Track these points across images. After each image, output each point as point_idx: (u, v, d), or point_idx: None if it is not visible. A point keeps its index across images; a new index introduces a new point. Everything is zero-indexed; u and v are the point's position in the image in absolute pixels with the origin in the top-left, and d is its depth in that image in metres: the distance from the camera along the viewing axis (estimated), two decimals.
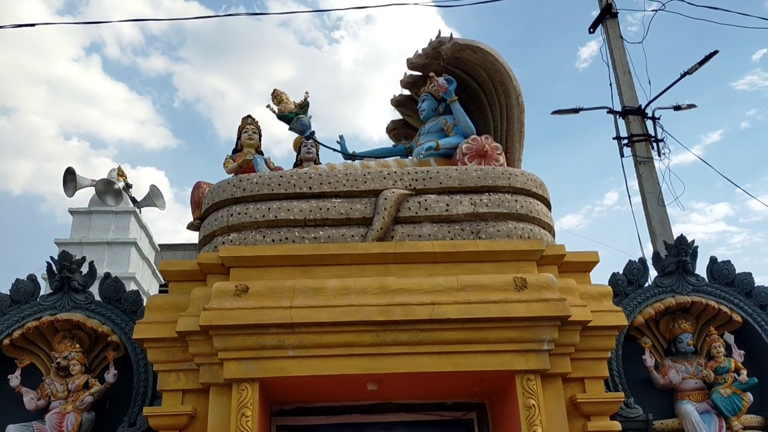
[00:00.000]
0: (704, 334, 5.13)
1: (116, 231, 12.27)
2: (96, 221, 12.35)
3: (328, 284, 4.16)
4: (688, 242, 5.20)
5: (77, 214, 12.42)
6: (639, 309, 5.06)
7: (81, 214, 12.42)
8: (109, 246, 12.11)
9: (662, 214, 7.38)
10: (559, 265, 4.54)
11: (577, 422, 4.22)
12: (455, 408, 4.70)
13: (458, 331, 4.05)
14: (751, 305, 5.07)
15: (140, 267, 12.70)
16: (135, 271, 12.19)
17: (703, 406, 4.81)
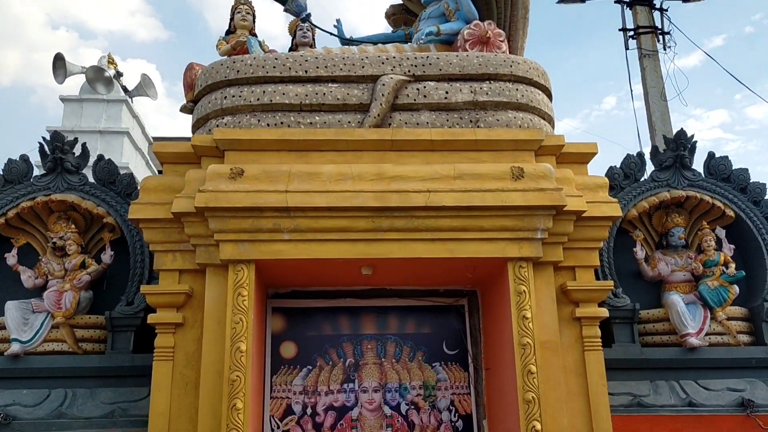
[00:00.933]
0: (696, 228, 5.18)
1: (108, 120, 12.09)
2: (87, 109, 12.13)
3: (324, 170, 4.13)
4: (687, 137, 5.16)
5: (68, 101, 12.18)
6: (633, 202, 5.08)
7: (72, 101, 12.17)
8: (101, 135, 11.96)
9: (663, 109, 7.28)
10: (557, 156, 4.51)
11: (566, 309, 4.31)
12: (447, 295, 4.79)
13: (453, 218, 4.06)
14: (745, 201, 5.09)
15: (134, 157, 12.61)
16: (128, 162, 12.11)
17: (690, 298, 4.93)
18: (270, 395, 4.49)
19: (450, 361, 4.68)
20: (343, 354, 4.65)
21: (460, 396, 4.62)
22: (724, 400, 4.46)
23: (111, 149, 11.91)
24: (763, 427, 4.32)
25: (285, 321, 4.66)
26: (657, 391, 4.55)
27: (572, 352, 4.25)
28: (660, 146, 5.34)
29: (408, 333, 4.72)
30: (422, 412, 4.56)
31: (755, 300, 4.96)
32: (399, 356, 4.67)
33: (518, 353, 3.93)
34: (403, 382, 4.62)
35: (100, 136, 11.97)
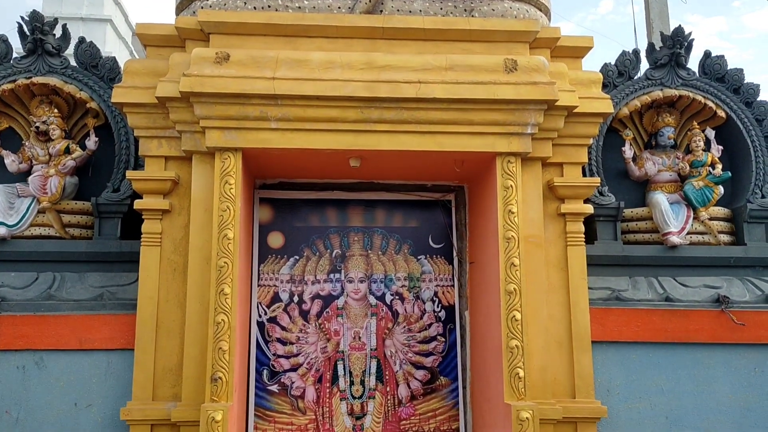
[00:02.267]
0: (686, 128, 5.16)
1: (90, 6, 11.65)
2: None
3: (313, 57, 4.01)
4: (684, 34, 5.04)
5: None
6: (626, 101, 5.02)
7: None
8: (83, 22, 11.56)
9: (662, 5, 7.07)
10: (551, 49, 4.40)
11: (552, 204, 4.35)
12: (435, 190, 4.80)
13: (444, 111, 4.00)
14: (737, 101, 5.04)
15: (117, 47, 12.25)
16: (112, 51, 11.77)
17: (674, 197, 4.97)
18: (257, 283, 4.57)
19: (435, 255, 4.76)
20: (330, 245, 4.70)
21: (443, 288, 4.72)
22: (701, 296, 4.59)
23: (94, 38, 11.49)
24: (736, 321, 4.46)
25: (272, 212, 4.67)
26: (636, 287, 4.67)
27: (555, 246, 4.32)
28: (657, 44, 5.21)
29: (395, 226, 4.76)
30: (406, 302, 4.68)
31: (739, 201, 5.02)
32: (385, 249, 4.73)
33: (502, 246, 3.98)
34: (389, 273, 4.70)
35: (82, 24, 11.58)
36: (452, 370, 4.62)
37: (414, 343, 4.63)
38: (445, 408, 4.58)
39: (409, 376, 4.59)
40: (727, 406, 4.42)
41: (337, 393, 4.53)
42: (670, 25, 7.22)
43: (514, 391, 3.82)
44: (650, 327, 4.47)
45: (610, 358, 4.43)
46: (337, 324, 4.61)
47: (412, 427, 4.54)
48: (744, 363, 4.47)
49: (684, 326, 4.48)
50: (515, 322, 3.89)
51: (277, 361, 4.52)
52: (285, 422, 4.46)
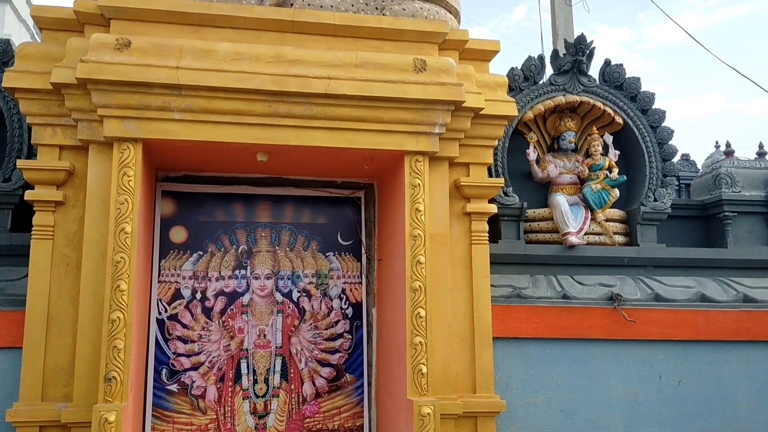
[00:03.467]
0: (586, 133, 5.38)
1: None
2: None
3: (220, 47, 3.92)
4: (586, 42, 5.24)
5: None
6: (530, 105, 5.18)
7: None
8: None
9: (567, 14, 7.36)
10: (460, 51, 4.48)
11: (458, 203, 4.43)
12: (345, 187, 4.80)
13: (353, 108, 3.99)
14: (634, 109, 5.30)
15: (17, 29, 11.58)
16: (11, 33, 11.11)
17: (574, 199, 5.17)
18: (158, 279, 4.43)
19: (344, 252, 4.75)
20: (236, 241, 4.61)
21: (351, 285, 4.72)
22: (596, 294, 4.79)
23: None
24: (628, 318, 4.68)
25: (176, 205, 4.54)
26: (536, 284, 4.82)
27: (460, 245, 4.40)
28: (561, 51, 5.40)
29: (303, 223, 4.72)
30: (313, 299, 4.65)
31: (633, 204, 5.27)
32: (293, 245, 4.68)
33: (409, 244, 4.02)
34: (296, 270, 4.66)
35: None
36: (358, 367, 4.62)
37: (320, 340, 4.61)
38: (350, 405, 4.58)
39: (314, 373, 4.56)
40: (617, 399, 4.63)
41: (240, 392, 4.45)
42: (574, 33, 7.52)
43: (416, 387, 3.86)
44: (548, 323, 4.63)
45: (510, 354, 4.56)
46: (242, 321, 4.52)
47: (316, 425, 4.52)
48: (634, 358, 4.70)
49: (579, 323, 4.66)
50: (420, 319, 3.94)
51: (178, 360, 4.39)
52: (184, 422, 4.34)
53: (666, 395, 4.68)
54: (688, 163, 9.38)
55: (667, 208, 5.19)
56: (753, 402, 4.76)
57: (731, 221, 5.37)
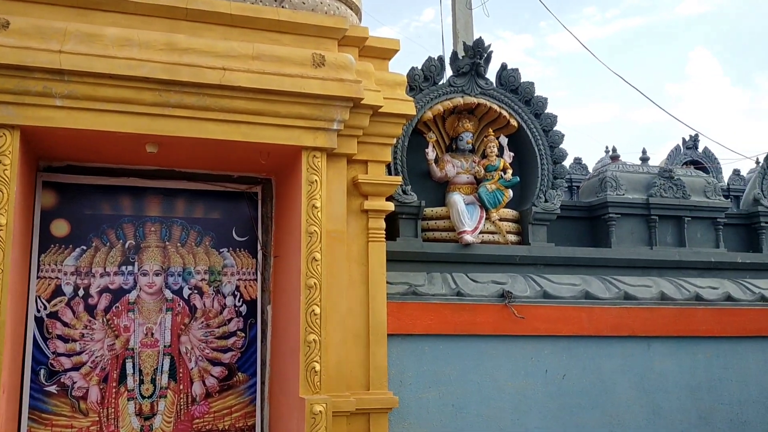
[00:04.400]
0: (483, 135, 5.51)
1: None
2: None
3: (107, 32, 3.73)
4: (484, 46, 5.37)
5: None
6: (430, 105, 5.25)
7: None
8: None
9: (468, 17, 7.54)
10: (360, 48, 4.48)
11: (356, 201, 4.43)
12: (241, 181, 4.69)
13: (249, 100, 3.91)
14: (528, 112, 5.47)
15: None
16: None
17: (470, 198, 5.29)
18: (37, 275, 4.17)
19: (239, 248, 4.64)
20: (123, 235, 4.41)
21: (246, 282, 4.62)
22: (488, 291, 4.92)
23: None
24: (517, 315, 4.84)
25: (58, 197, 4.29)
26: (431, 282, 4.89)
27: (357, 242, 4.40)
28: (460, 53, 5.51)
29: (196, 218, 4.58)
30: (205, 297, 4.52)
31: (526, 204, 5.45)
32: (185, 240, 4.53)
33: (305, 241, 3.98)
34: (188, 266, 4.51)
35: None
36: (251, 365, 4.53)
37: (212, 339, 4.48)
38: (242, 404, 4.48)
39: (205, 373, 4.44)
40: (506, 393, 4.77)
41: (125, 393, 4.26)
42: (474, 36, 7.70)
43: (309, 385, 3.83)
44: (442, 320, 4.72)
45: (404, 351, 4.60)
46: (128, 319, 4.33)
47: (205, 426, 4.39)
48: (522, 353, 4.86)
49: (472, 319, 4.77)
50: (314, 316, 3.91)
51: (57, 360, 4.15)
52: (64, 425, 4.11)
53: (551, 389, 4.86)
54: (580, 167, 9.81)
55: (557, 208, 5.39)
56: (631, 394, 5.03)
57: (615, 222, 5.65)
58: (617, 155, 6.99)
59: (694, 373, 5.18)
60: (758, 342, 5.37)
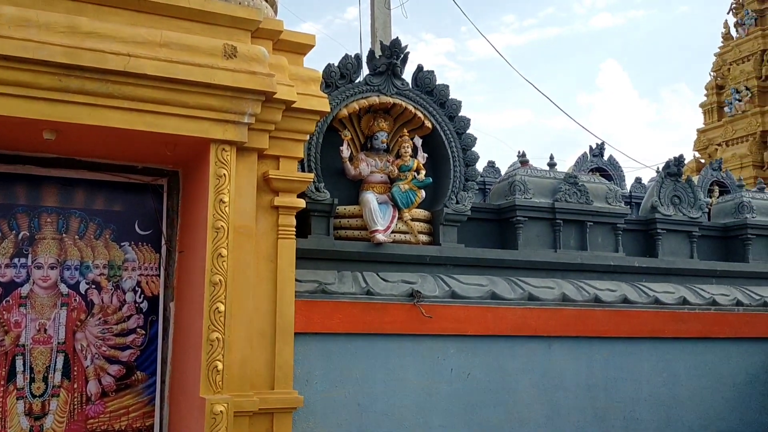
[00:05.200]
0: (398, 135, 5.53)
1: None
2: None
3: (4, 11, 3.51)
4: (401, 46, 5.39)
5: None
6: (346, 102, 5.23)
7: None
8: None
9: (386, 17, 7.57)
10: (274, 42, 4.40)
11: (266, 197, 4.36)
12: (146, 173, 4.53)
13: (155, 89, 3.77)
14: (442, 114, 5.53)
15: None
16: None
17: (383, 198, 5.30)
18: None
19: (141, 242, 4.48)
20: (16, 226, 4.17)
21: (148, 277, 4.47)
22: (398, 291, 4.94)
23: None
24: (425, 314, 4.89)
25: None
26: (342, 280, 4.88)
27: (266, 238, 4.33)
28: (377, 52, 5.51)
29: (97, 209, 4.39)
30: (104, 292, 4.33)
31: (438, 205, 5.51)
32: (83, 233, 4.33)
33: (211, 236, 3.88)
34: (86, 260, 4.31)
35: None
36: (151, 364, 4.39)
37: (110, 336, 4.31)
38: (140, 404, 4.33)
39: (101, 371, 4.26)
40: (412, 392, 4.82)
41: (14, 391, 4.04)
42: (392, 36, 7.73)
43: (211, 385, 3.74)
44: (351, 319, 4.71)
45: (312, 349, 4.57)
46: (19, 314, 4.10)
47: (100, 426, 4.21)
48: (429, 352, 4.92)
49: (381, 318, 4.79)
50: (218, 314, 3.82)
51: None
52: None
53: (456, 387, 4.95)
54: (493, 170, 10.01)
55: (468, 210, 5.48)
56: (532, 392, 5.18)
57: (522, 225, 5.80)
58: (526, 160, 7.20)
59: (591, 372, 5.39)
60: (651, 343, 5.64)
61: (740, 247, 6.71)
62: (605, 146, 9.68)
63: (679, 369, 5.70)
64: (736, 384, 5.89)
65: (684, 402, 5.66)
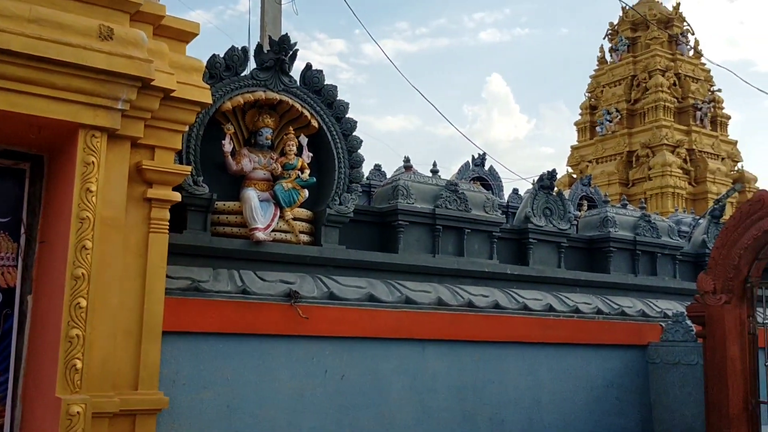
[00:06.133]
0: (284, 132, 5.46)
1: None
2: None
3: None
4: (290, 43, 5.33)
5: None
6: (230, 96, 5.11)
7: None
8: None
9: (277, 11, 7.46)
10: (155, 27, 4.22)
11: (139, 188, 4.17)
12: (7, 156, 4.20)
13: (21, 67, 3.52)
14: (329, 115, 5.52)
15: None
16: None
17: (265, 195, 5.21)
18: None
19: None
20: None
21: (5, 268, 4.15)
22: (275, 291, 4.87)
23: None
24: (302, 315, 4.85)
25: None
26: (217, 278, 4.75)
27: (137, 232, 4.14)
28: (266, 47, 5.42)
29: None
30: None
31: (321, 205, 5.49)
32: None
33: (75, 227, 3.66)
34: None
35: None
36: (4, 360, 4.07)
37: None
38: None
39: None
40: (284, 394, 4.76)
41: None
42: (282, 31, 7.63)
43: (68, 384, 3.52)
44: (224, 318, 4.59)
45: (180, 349, 4.41)
46: None
47: None
48: (304, 353, 4.88)
49: (255, 318, 4.70)
50: (79, 309, 3.60)
51: None
52: None
53: (329, 389, 4.94)
54: (380, 174, 10.13)
55: (350, 212, 5.50)
56: (404, 394, 5.26)
57: (404, 229, 5.89)
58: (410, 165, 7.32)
59: (461, 375, 5.55)
60: (519, 348, 5.89)
61: (603, 259, 7.16)
62: (486, 157, 10.04)
63: (543, 373, 5.98)
64: (594, 388, 6.25)
65: (546, 405, 5.94)
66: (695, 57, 19.64)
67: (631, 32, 19.88)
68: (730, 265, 5.63)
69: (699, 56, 19.78)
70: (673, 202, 17.18)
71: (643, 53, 19.21)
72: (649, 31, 19.25)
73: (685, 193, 17.52)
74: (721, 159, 18.53)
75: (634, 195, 17.29)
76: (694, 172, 17.93)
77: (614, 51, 20.05)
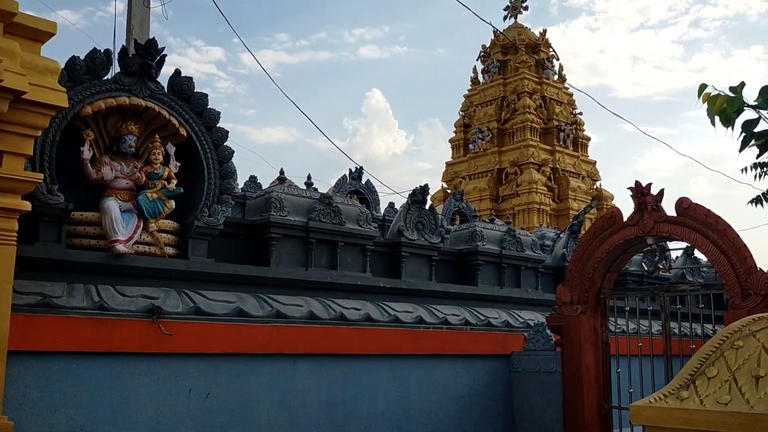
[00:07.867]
0: (149, 140, 5.24)
1: None
2: None
3: None
4: (157, 48, 5.14)
5: None
6: (91, 100, 4.85)
7: None
8: None
9: (145, 15, 7.14)
10: (6, 24, 3.92)
11: None
12: None
13: None
14: (200, 124, 5.36)
15: None
16: None
17: (128, 206, 4.96)
18: None
19: None
20: None
21: None
22: (136, 306, 4.64)
23: None
24: (165, 332, 4.64)
25: None
26: (72, 294, 4.45)
27: None
28: (131, 51, 5.18)
29: None
30: None
31: (189, 217, 5.30)
32: None
33: None
34: None
35: None
36: None
37: None
38: None
39: None
40: (144, 414, 4.52)
41: None
42: (150, 35, 7.32)
43: None
44: (79, 336, 4.31)
45: (28, 370, 4.09)
46: None
47: None
48: (166, 372, 4.67)
49: (113, 336, 4.45)
50: None
51: None
52: None
53: (194, 408, 4.75)
54: (255, 185, 9.93)
55: (220, 224, 5.35)
56: (273, 411, 5.16)
57: (276, 242, 5.80)
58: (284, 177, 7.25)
59: (331, 389, 5.52)
60: (389, 360, 5.95)
61: (471, 272, 7.40)
62: (363, 171, 10.13)
63: (412, 384, 6.07)
64: (461, 397, 6.43)
65: (415, 416, 6.03)
66: (559, 81, 20.87)
67: (502, 55, 20.85)
68: (586, 277, 5.98)
69: (563, 81, 21.04)
70: (538, 217, 18.10)
71: (512, 76, 20.17)
72: (518, 55, 20.25)
73: (549, 209, 18.52)
74: (582, 177, 19.75)
75: (503, 210, 18.07)
76: (558, 189, 18.98)
77: (486, 72, 20.92)
